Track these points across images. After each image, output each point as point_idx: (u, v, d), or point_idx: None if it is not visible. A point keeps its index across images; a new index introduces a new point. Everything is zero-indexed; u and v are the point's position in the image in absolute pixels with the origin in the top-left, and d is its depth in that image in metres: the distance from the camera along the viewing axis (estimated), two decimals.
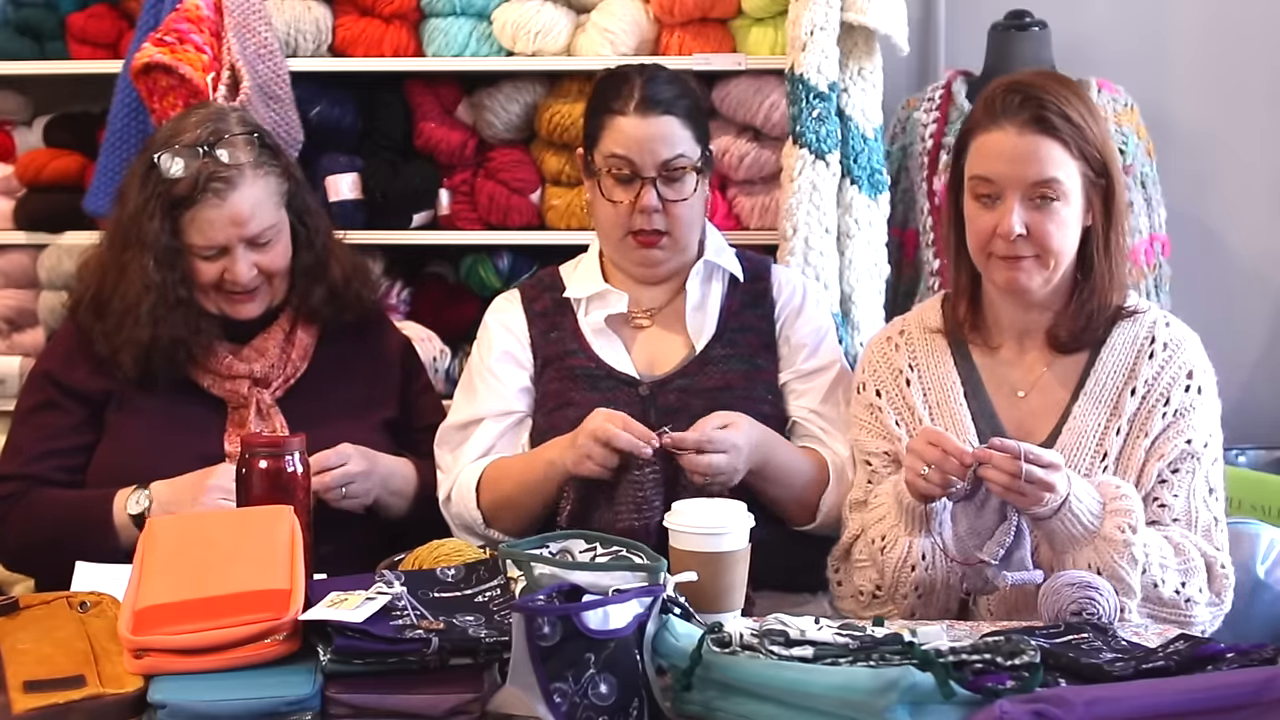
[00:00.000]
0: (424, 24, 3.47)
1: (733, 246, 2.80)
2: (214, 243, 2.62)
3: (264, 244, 2.65)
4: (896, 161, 3.48)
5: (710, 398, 2.58)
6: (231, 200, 2.60)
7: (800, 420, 2.68)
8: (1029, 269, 2.39)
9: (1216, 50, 3.74)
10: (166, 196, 2.60)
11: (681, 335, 2.70)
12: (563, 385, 2.66)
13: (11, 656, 1.92)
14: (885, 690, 1.67)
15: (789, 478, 2.57)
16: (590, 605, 1.80)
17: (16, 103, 3.65)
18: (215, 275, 2.64)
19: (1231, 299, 3.74)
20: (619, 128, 2.63)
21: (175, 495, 2.53)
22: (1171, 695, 1.68)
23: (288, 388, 2.72)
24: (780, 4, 3.34)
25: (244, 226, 2.61)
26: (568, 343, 2.69)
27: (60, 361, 2.72)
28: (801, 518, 2.61)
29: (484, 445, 2.66)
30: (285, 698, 1.81)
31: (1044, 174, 2.36)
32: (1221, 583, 2.36)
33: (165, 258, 2.61)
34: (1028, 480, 2.19)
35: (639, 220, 2.62)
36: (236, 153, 2.62)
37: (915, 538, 2.32)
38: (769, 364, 2.70)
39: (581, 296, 2.71)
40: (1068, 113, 2.38)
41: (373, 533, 2.64)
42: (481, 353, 2.74)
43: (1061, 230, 2.38)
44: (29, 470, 2.64)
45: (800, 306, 2.74)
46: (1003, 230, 2.37)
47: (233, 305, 2.69)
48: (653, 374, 2.66)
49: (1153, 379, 2.42)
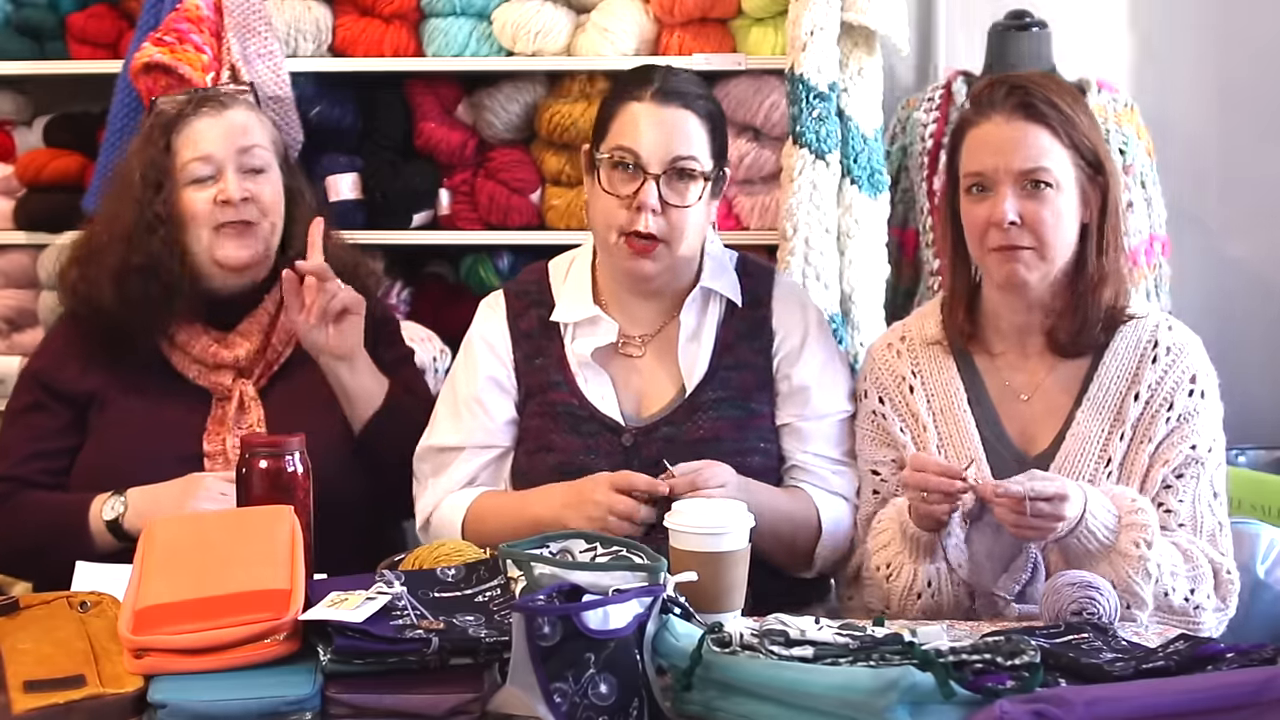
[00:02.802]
0: (424, 24, 3.47)
1: (732, 248, 2.70)
2: (206, 154, 2.62)
3: (257, 170, 2.65)
4: (896, 161, 3.48)
5: (696, 451, 2.46)
6: (226, 115, 2.65)
7: (799, 464, 2.56)
8: (1027, 261, 2.37)
9: (1216, 50, 3.74)
10: (162, 122, 2.65)
11: (673, 370, 2.56)
12: (544, 423, 2.56)
13: (11, 656, 1.92)
14: (885, 690, 1.67)
15: (773, 525, 2.41)
16: (590, 605, 1.80)
17: (16, 103, 3.65)
18: (207, 204, 2.62)
19: (1231, 299, 3.74)
20: (632, 114, 2.50)
21: (152, 501, 2.51)
22: (1171, 695, 1.68)
23: (270, 375, 2.71)
24: (780, 4, 3.34)
25: (237, 139, 2.63)
26: (551, 373, 2.58)
27: (49, 361, 2.71)
28: (795, 567, 2.54)
29: (465, 476, 2.58)
30: (285, 698, 1.81)
31: (1033, 161, 2.36)
32: (1227, 588, 2.36)
33: (152, 175, 2.63)
34: (1034, 516, 2.18)
35: (635, 219, 2.48)
36: (233, 95, 2.71)
37: (920, 565, 2.32)
38: (765, 405, 2.57)
39: (569, 321, 2.59)
40: (1055, 101, 2.38)
41: (373, 532, 2.64)
42: (466, 376, 2.63)
43: (1057, 219, 2.36)
44: (15, 472, 2.63)
45: (801, 345, 2.59)
46: (996, 218, 2.35)
47: (224, 245, 2.64)
48: (639, 417, 2.55)
49: (1156, 384, 2.41)
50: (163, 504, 2.49)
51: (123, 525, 2.51)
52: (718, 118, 2.58)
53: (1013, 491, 2.19)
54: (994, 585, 2.29)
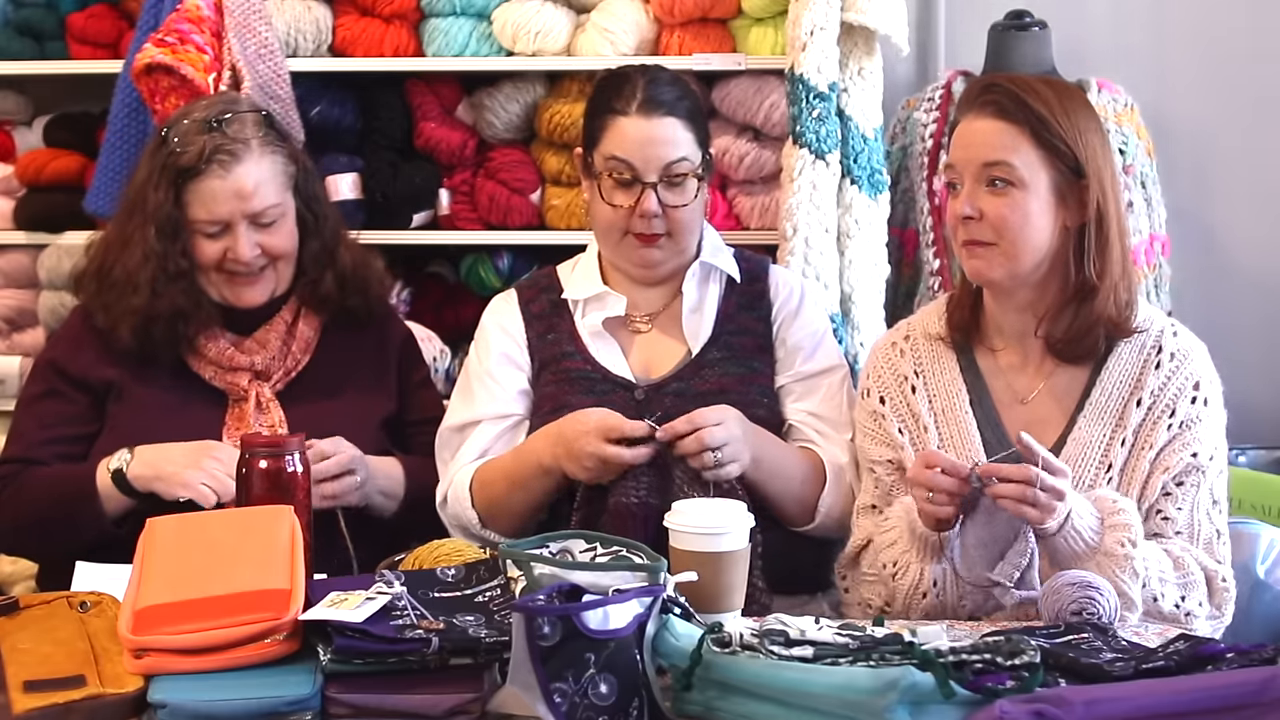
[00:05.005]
0: (424, 24, 3.47)
1: (732, 246, 2.80)
2: (217, 216, 2.63)
3: (268, 224, 2.66)
4: (896, 161, 3.48)
5: (705, 401, 2.56)
6: (236, 173, 2.62)
7: (797, 423, 2.67)
8: (989, 258, 2.37)
9: (1216, 50, 3.73)
10: (173, 168, 2.63)
11: (678, 339, 2.69)
12: (558, 389, 2.65)
13: (11, 656, 1.92)
14: (885, 690, 1.67)
15: (783, 473, 2.56)
16: (590, 605, 1.80)
17: (16, 103, 3.65)
18: (218, 255, 2.65)
19: (1231, 299, 3.74)
20: (620, 128, 2.61)
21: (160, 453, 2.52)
22: (1171, 695, 1.68)
23: (288, 381, 2.72)
24: (780, 4, 3.34)
25: (247, 201, 2.62)
26: (564, 345, 2.69)
27: (66, 350, 2.73)
28: (800, 518, 2.61)
29: (480, 447, 2.65)
30: (285, 698, 1.82)
31: (993, 155, 2.35)
32: (1222, 596, 2.35)
33: (168, 228, 2.63)
34: (1042, 488, 2.16)
35: (638, 224, 2.62)
36: (244, 129, 2.65)
37: (927, 565, 2.31)
38: (765, 367, 2.69)
39: (579, 298, 2.71)
40: (1028, 101, 2.36)
41: (373, 532, 2.65)
42: (479, 355, 2.74)
43: (1019, 217, 2.35)
44: (30, 455, 2.65)
45: (797, 309, 2.73)
46: (954, 211, 2.38)
47: (236, 290, 2.69)
48: (648, 377, 2.66)
49: (1159, 390, 2.40)
50: (172, 457, 2.51)
51: (126, 474, 2.51)
52: (696, 109, 2.69)
53: (1032, 447, 2.18)
54: (989, 572, 2.28)
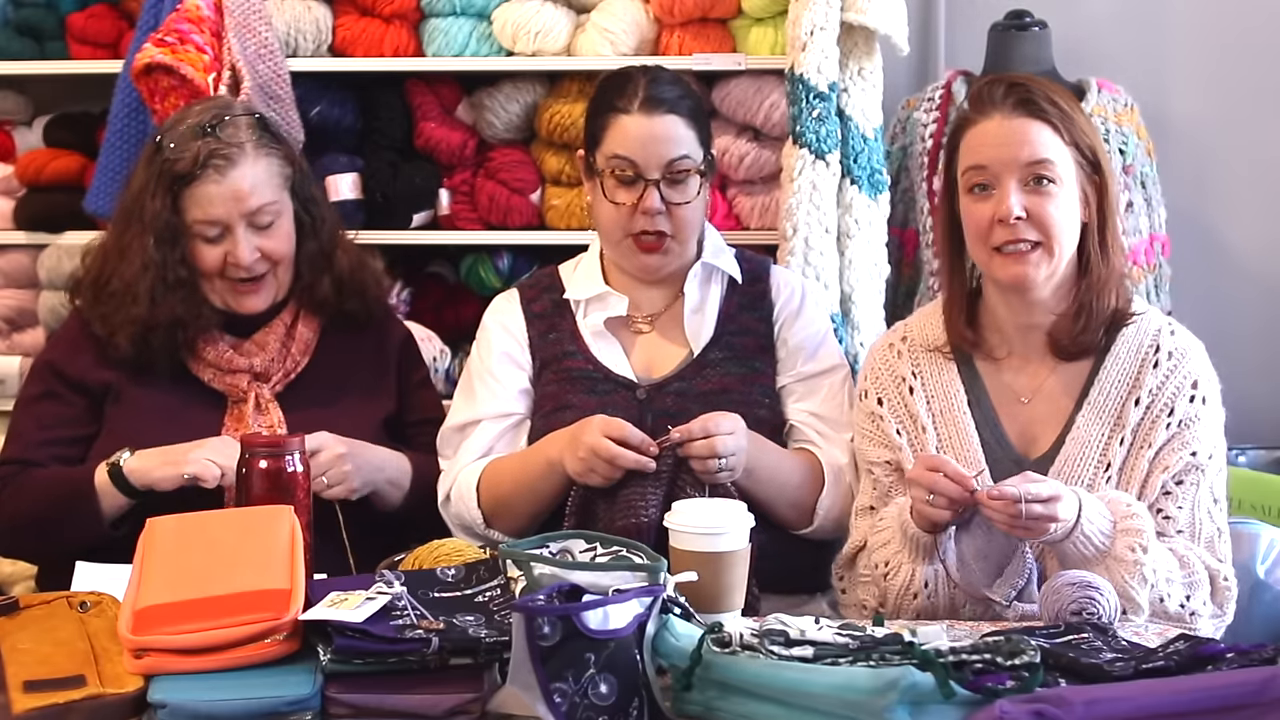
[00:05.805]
0: (424, 24, 3.47)
1: (732, 246, 2.81)
2: (214, 218, 2.63)
3: (266, 226, 2.66)
4: (896, 161, 3.48)
5: (707, 401, 2.57)
6: (231, 176, 2.62)
7: (798, 424, 2.67)
8: (1034, 260, 2.36)
9: (1216, 50, 3.74)
10: (169, 174, 2.63)
11: (680, 339, 2.69)
12: (560, 388, 2.66)
13: (11, 656, 1.92)
14: (885, 690, 1.67)
15: (777, 480, 2.55)
16: (590, 605, 1.80)
17: (16, 103, 3.65)
18: (218, 260, 2.65)
19: (1231, 299, 3.74)
20: (623, 126, 2.62)
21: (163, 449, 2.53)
22: (1171, 695, 1.68)
23: (287, 382, 2.72)
24: (780, 4, 3.34)
25: (244, 202, 2.63)
26: (566, 344, 2.69)
27: (64, 352, 2.73)
28: (798, 521, 2.61)
29: (482, 446, 2.66)
30: (285, 698, 1.82)
31: (1037, 154, 2.35)
32: (1224, 594, 2.35)
33: (166, 236, 2.63)
34: (1029, 518, 2.18)
35: (641, 222, 2.62)
36: (238, 132, 2.66)
37: (919, 565, 2.32)
38: (766, 367, 2.69)
39: (581, 298, 2.71)
40: (1054, 99, 2.39)
41: (401, 531, 2.64)
42: (480, 354, 2.74)
43: (1062, 214, 2.36)
44: (27, 456, 2.66)
45: (799, 309, 2.73)
46: (1002, 213, 2.35)
47: (238, 296, 2.69)
48: (650, 377, 2.66)
49: (1157, 389, 2.40)
50: (174, 448, 2.52)
51: (123, 469, 2.52)
52: (698, 109, 2.70)
53: (1007, 493, 2.18)
54: (986, 588, 2.28)
